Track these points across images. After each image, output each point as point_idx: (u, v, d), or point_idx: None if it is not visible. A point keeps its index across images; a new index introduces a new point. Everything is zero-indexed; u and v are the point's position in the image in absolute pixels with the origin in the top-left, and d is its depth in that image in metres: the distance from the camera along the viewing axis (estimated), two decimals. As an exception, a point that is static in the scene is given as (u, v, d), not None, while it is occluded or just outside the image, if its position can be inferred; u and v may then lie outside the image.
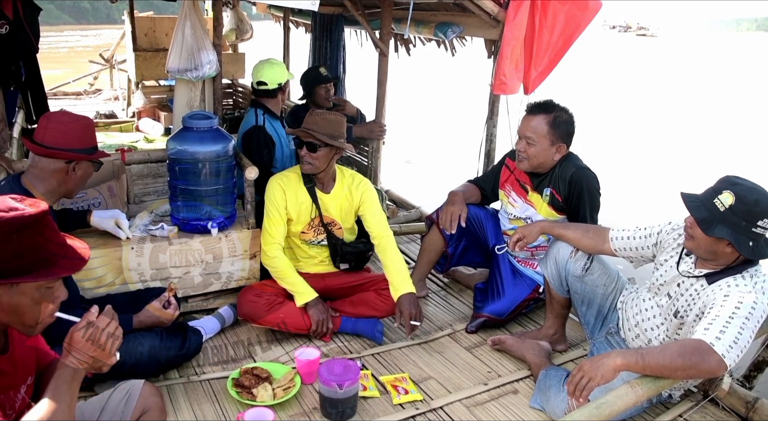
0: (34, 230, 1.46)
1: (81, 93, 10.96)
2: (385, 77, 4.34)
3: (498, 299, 3.24)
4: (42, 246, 1.48)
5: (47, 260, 1.49)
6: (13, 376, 1.66)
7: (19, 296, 1.48)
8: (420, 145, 9.69)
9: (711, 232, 2.18)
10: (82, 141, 2.53)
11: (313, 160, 3.00)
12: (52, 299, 1.56)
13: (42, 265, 1.48)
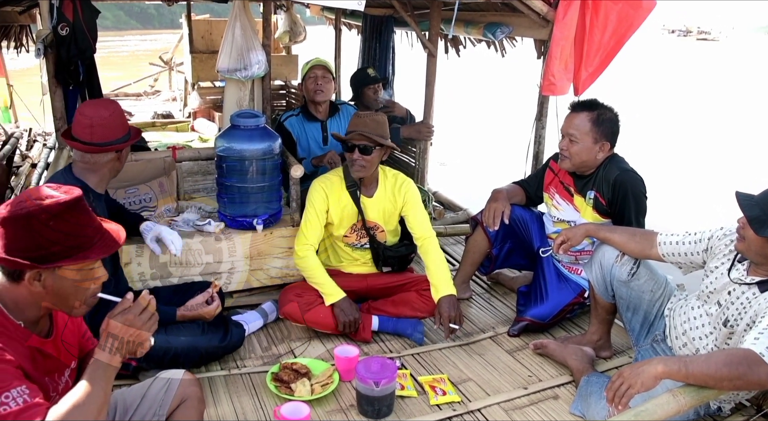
0: (71, 215, 1.54)
1: (141, 94, 11.32)
2: (433, 78, 4.33)
3: (541, 303, 3.18)
4: (79, 230, 1.55)
5: (85, 243, 1.56)
6: (57, 360, 1.72)
7: (61, 279, 1.57)
8: (468, 147, 9.62)
9: (763, 232, 2.09)
10: (123, 127, 2.66)
11: (366, 162, 3.00)
12: (93, 279, 1.63)
13: (80, 248, 1.55)
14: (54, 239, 1.52)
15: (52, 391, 1.69)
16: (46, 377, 1.68)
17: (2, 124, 7.99)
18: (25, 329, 1.61)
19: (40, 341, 1.66)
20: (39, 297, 1.59)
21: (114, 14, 57.38)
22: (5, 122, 8.45)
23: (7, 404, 1.43)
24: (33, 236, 1.51)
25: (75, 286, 1.60)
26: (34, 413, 1.45)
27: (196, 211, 3.44)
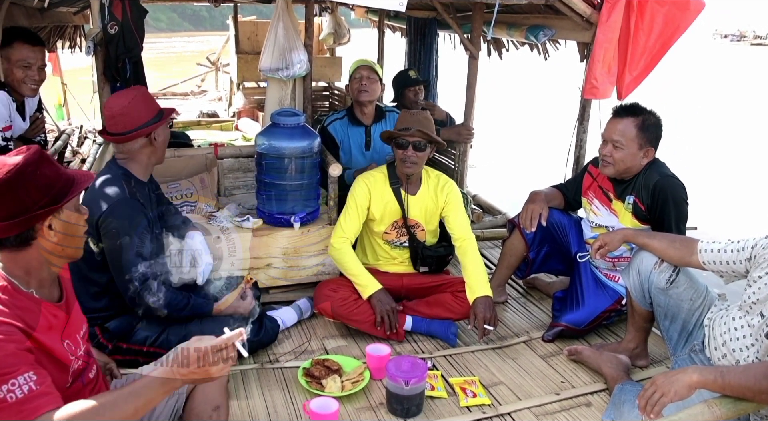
0: (47, 161, 1.65)
1: (188, 94, 11.57)
2: (474, 80, 4.32)
3: (577, 308, 3.14)
4: (60, 170, 1.68)
5: (69, 181, 1.68)
6: (71, 324, 1.79)
7: (66, 219, 1.68)
8: (508, 150, 9.54)
9: None
10: (149, 111, 2.67)
11: (419, 159, 3.04)
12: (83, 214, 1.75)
13: (69, 184, 1.68)
14: (49, 183, 1.63)
15: (71, 354, 1.73)
16: (65, 342, 1.72)
17: (56, 121, 8.25)
18: (37, 297, 1.67)
19: (53, 306, 1.72)
20: (51, 249, 1.67)
21: (168, 16, 58.91)
22: (59, 119, 8.73)
23: (13, 392, 1.44)
24: (34, 189, 1.61)
25: (76, 219, 1.72)
26: (39, 405, 1.46)
27: (235, 207, 3.50)
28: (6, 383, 1.45)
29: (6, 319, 1.53)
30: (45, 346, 1.62)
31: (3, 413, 1.45)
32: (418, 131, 3.00)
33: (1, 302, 1.56)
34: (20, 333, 1.54)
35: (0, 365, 1.46)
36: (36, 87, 3.42)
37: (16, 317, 1.56)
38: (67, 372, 1.70)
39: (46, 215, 1.62)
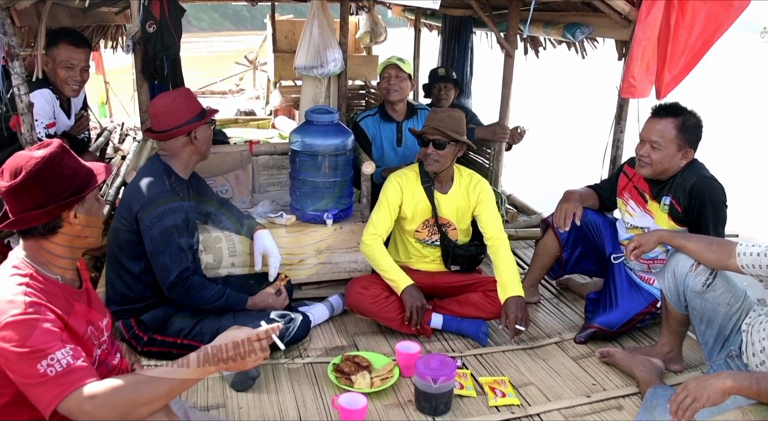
0: (68, 157, 1.73)
1: (226, 92, 11.72)
2: (510, 79, 4.28)
3: (610, 310, 3.09)
4: (80, 165, 1.76)
5: (89, 171, 1.79)
6: (92, 310, 1.86)
7: (88, 205, 1.78)
8: (542, 149, 9.41)
9: None
10: (190, 111, 2.75)
11: (439, 157, 3.03)
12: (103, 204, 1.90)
13: (89, 174, 1.78)
14: (73, 173, 1.73)
15: (95, 339, 1.81)
16: (89, 328, 1.79)
17: (98, 118, 8.46)
18: (61, 283, 1.75)
19: (76, 292, 1.81)
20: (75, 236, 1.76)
21: (210, 16, 59.86)
22: (101, 117, 8.95)
23: (52, 366, 1.53)
24: (60, 179, 1.70)
25: (97, 209, 1.82)
26: (78, 378, 1.55)
27: (269, 204, 3.54)
28: (45, 359, 1.53)
29: (38, 300, 1.61)
30: (72, 329, 1.69)
31: (45, 387, 1.53)
32: (433, 129, 2.99)
33: (31, 286, 1.64)
34: (53, 314, 1.63)
35: (38, 341, 1.54)
36: (78, 87, 3.51)
37: (45, 298, 1.64)
38: (91, 356, 1.76)
39: (72, 203, 1.72)
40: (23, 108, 2.91)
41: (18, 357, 1.53)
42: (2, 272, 1.70)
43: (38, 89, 3.27)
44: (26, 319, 1.56)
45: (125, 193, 2.81)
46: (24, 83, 2.89)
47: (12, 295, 1.60)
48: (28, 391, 1.56)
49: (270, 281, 3.05)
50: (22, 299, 1.59)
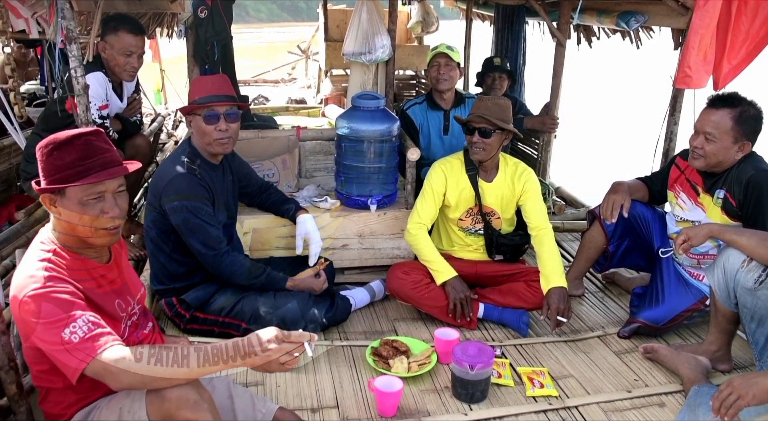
0: (73, 147, 1.72)
1: (278, 81, 11.87)
2: (560, 68, 4.21)
3: (656, 306, 3.01)
4: (76, 160, 1.72)
5: (86, 171, 1.72)
6: (121, 284, 1.91)
7: (69, 205, 1.73)
8: (594, 141, 9.22)
9: None
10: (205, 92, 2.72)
11: (485, 145, 3.00)
12: (100, 211, 1.76)
13: (81, 175, 1.71)
14: (57, 166, 1.71)
15: (121, 311, 1.87)
16: (117, 300, 1.87)
17: (154, 105, 8.68)
18: (83, 257, 1.81)
19: (102, 266, 1.86)
20: (63, 223, 1.77)
21: (268, 8, 60.82)
22: (157, 104, 9.18)
23: (75, 333, 1.61)
24: (44, 164, 1.73)
25: (79, 212, 1.73)
26: (101, 343, 1.62)
27: (314, 188, 3.57)
28: (68, 327, 1.61)
29: (57, 274, 1.69)
30: (94, 301, 1.76)
31: (70, 353, 1.61)
32: (479, 117, 2.96)
33: (51, 262, 1.72)
34: (72, 286, 1.70)
35: (59, 312, 1.63)
36: (134, 73, 3.61)
37: (66, 274, 1.72)
38: (118, 328, 1.83)
39: (43, 191, 1.74)
40: (79, 90, 3.00)
41: (42, 327, 1.62)
42: (31, 247, 1.80)
43: (91, 72, 3.37)
44: (45, 292, 1.64)
45: (153, 177, 2.89)
46: (81, 66, 2.98)
47: (33, 270, 1.69)
48: (56, 358, 1.64)
49: (311, 266, 3.08)
50: (42, 274, 1.68)
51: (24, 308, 1.65)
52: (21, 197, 4.59)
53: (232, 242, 2.93)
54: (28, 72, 6.70)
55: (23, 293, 1.65)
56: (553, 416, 2.46)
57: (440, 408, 2.49)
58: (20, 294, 1.66)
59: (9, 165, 4.72)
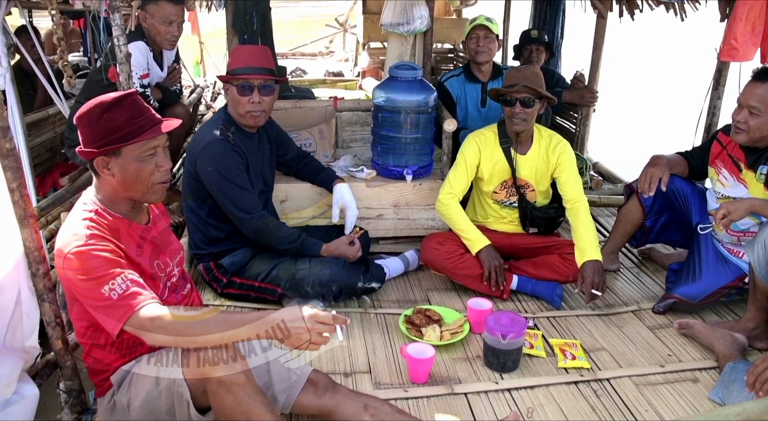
0: (121, 108, 1.76)
1: (316, 54, 11.89)
2: (601, 41, 4.14)
3: (693, 281, 2.98)
4: (130, 120, 1.77)
5: (137, 130, 1.78)
6: (160, 246, 1.98)
7: (124, 163, 1.79)
8: (634, 116, 9.02)
9: None
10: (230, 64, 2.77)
11: (527, 116, 2.98)
12: (155, 165, 1.84)
13: (133, 133, 1.77)
14: (110, 128, 1.75)
15: (160, 272, 1.94)
16: (156, 261, 1.93)
17: (193, 77, 8.78)
18: (124, 218, 1.87)
19: (141, 228, 1.92)
20: (115, 186, 1.83)
21: (305, -20, 60.58)
22: (196, 76, 9.28)
23: (114, 290, 1.67)
24: (93, 128, 1.76)
25: (136, 169, 1.80)
26: (139, 300, 1.68)
27: (351, 158, 3.60)
28: (107, 284, 1.68)
29: (98, 233, 1.76)
30: (134, 261, 1.83)
31: (110, 309, 1.68)
32: (524, 87, 2.93)
33: (93, 221, 1.79)
34: (113, 245, 1.76)
35: (99, 269, 1.69)
36: (174, 41, 3.66)
37: (107, 233, 1.78)
38: (157, 288, 1.89)
39: (97, 154, 1.78)
40: (122, 58, 3.05)
41: (83, 284, 1.69)
42: (75, 208, 1.87)
43: (132, 42, 3.43)
44: (87, 250, 1.71)
45: (191, 144, 2.95)
46: (123, 34, 3.03)
47: (76, 228, 1.76)
48: (97, 314, 1.72)
49: (346, 234, 3.12)
50: (84, 232, 1.74)
51: (67, 264, 1.72)
52: (65, 165, 4.72)
53: (267, 209, 2.97)
54: (70, 44, 6.81)
55: (67, 250, 1.72)
56: (584, 388, 2.46)
57: (471, 376, 2.52)
58: (64, 251, 1.73)
59: (53, 134, 4.85)
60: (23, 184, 1.98)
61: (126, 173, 1.80)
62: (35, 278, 2.07)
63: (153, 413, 1.84)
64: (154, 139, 1.81)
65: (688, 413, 2.33)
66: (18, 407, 2.00)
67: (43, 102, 4.84)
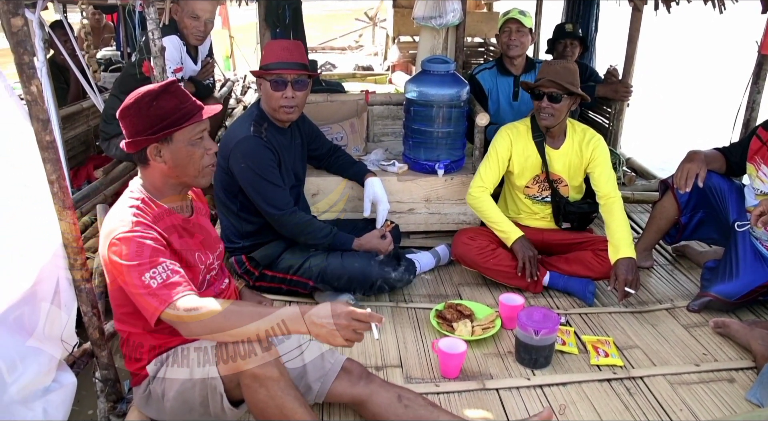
0: (168, 95, 1.80)
1: (345, 48, 11.90)
2: (636, 34, 4.07)
3: (730, 280, 2.92)
4: (177, 106, 1.82)
5: (186, 115, 1.83)
6: (201, 238, 2.00)
7: (176, 149, 1.85)
8: (668, 112, 8.87)
9: None
10: (263, 59, 2.77)
11: (554, 111, 2.95)
12: (204, 149, 1.90)
13: (183, 118, 1.83)
14: (160, 115, 1.80)
15: (200, 264, 1.96)
16: (197, 253, 1.95)
17: (223, 71, 8.85)
18: (169, 208, 1.91)
19: (184, 219, 1.95)
20: (166, 173, 1.87)
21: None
22: (226, 70, 9.35)
23: (155, 278, 1.70)
24: (143, 117, 1.79)
25: (188, 153, 1.86)
26: (177, 291, 1.71)
27: (382, 152, 3.60)
28: (149, 271, 1.71)
29: (144, 221, 1.79)
30: (176, 251, 1.85)
31: (150, 297, 1.70)
32: (550, 81, 2.90)
33: (140, 209, 1.83)
34: (157, 233, 1.80)
35: (142, 255, 1.72)
36: (201, 37, 3.68)
37: (152, 222, 1.82)
38: (196, 280, 1.91)
39: (150, 142, 1.81)
40: (156, 52, 3.08)
41: (126, 269, 1.72)
42: (122, 196, 1.91)
43: (166, 36, 3.46)
44: (133, 236, 1.74)
45: (223, 135, 2.97)
46: (158, 28, 3.06)
47: (123, 215, 1.80)
48: (136, 300, 1.74)
49: (378, 228, 3.12)
50: (130, 219, 1.78)
51: (112, 249, 1.75)
52: (99, 157, 4.80)
53: (299, 203, 2.99)
54: (104, 38, 6.91)
55: (113, 235, 1.75)
56: (617, 386, 2.43)
57: (503, 372, 2.50)
58: (109, 236, 1.77)
59: (87, 127, 4.93)
60: (62, 176, 2.01)
61: (178, 158, 1.85)
62: (73, 268, 2.10)
63: (187, 403, 1.87)
64: (202, 122, 1.87)
65: (724, 413, 2.28)
66: (57, 394, 2.03)
67: (76, 95, 4.93)
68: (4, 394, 1.76)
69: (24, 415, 1.82)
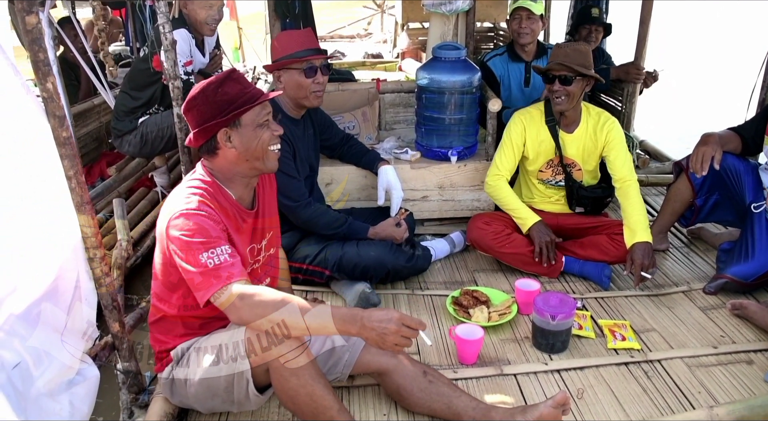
0: (230, 82, 1.87)
1: (354, 36, 11.86)
2: (648, 16, 4.02)
3: (745, 261, 2.90)
4: (241, 90, 1.88)
5: (250, 98, 1.88)
6: (260, 233, 2.05)
7: (244, 131, 1.89)
8: (681, 94, 8.77)
9: None
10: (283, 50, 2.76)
11: (567, 93, 2.93)
12: (270, 129, 1.95)
13: (248, 101, 1.88)
14: (227, 100, 1.85)
15: (250, 258, 2.00)
16: (250, 245, 1.99)
17: (232, 62, 8.84)
18: (234, 199, 1.95)
19: (245, 210, 1.99)
20: (235, 159, 1.90)
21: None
22: (235, 61, 9.35)
23: (212, 259, 1.73)
24: (211, 104, 1.84)
25: (256, 135, 1.90)
26: (231, 274, 1.73)
27: (395, 140, 3.60)
28: (207, 251, 1.74)
29: (208, 204, 1.83)
30: (232, 239, 1.87)
31: (204, 276, 1.73)
32: (560, 64, 2.88)
33: (206, 192, 1.88)
34: (219, 216, 1.83)
35: (204, 235, 1.76)
36: (215, 26, 3.69)
37: (216, 207, 1.86)
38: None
39: (219, 127, 1.85)
40: (167, 45, 3.09)
41: (185, 245, 1.75)
42: (186, 179, 1.97)
43: (175, 29, 3.47)
44: (197, 213, 1.78)
45: None
46: (168, 22, 3.07)
47: (189, 193, 1.85)
48: (190, 278, 1.76)
49: (392, 216, 3.13)
50: (196, 198, 1.83)
51: (173, 223, 1.79)
52: (111, 154, 4.82)
53: (313, 193, 3.00)
54: (111, 34, 6.92)
55: (177, 210, 1.79)
56: (635, 369, 2.44)
57: (520, 357, 2.52)
58: (172, 211, 1.80)
59: (99, 123, 4.94)
60: (80, 172, 2.03)
61: (247, 142, 1.89)
62: (92, 262, 2.13)
63: (211, 389, 1.89)
64: (267, 105, 1.92)
65: (743, 395, 2.28)
66: (81, 387, 2.07)
67: (87, 92, 4.95)
68: (32, 387, 1.79)
69: (52, 408, 1.85)
